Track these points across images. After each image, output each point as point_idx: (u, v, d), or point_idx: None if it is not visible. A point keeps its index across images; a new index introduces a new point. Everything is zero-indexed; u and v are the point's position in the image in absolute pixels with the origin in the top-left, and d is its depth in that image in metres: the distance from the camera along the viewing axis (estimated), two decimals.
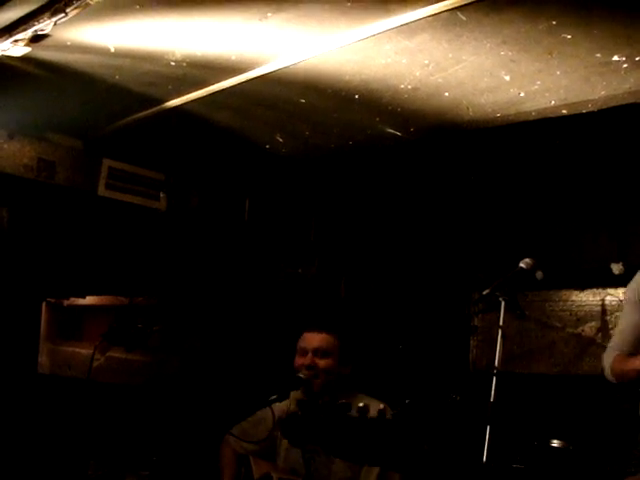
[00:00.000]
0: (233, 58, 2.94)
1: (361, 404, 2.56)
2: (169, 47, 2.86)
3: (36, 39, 2.73)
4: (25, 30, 2.63)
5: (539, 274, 2.80)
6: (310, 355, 3.09)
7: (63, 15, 2.45)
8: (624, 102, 3.00)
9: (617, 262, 2.63)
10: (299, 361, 3.12)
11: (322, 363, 3.07)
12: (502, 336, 2.41)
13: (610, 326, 3.71)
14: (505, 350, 2.79)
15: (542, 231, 3.97)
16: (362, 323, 4.53)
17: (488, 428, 2.22)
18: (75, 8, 2.41)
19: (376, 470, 2.92)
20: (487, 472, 2.18)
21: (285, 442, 3.15)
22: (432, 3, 2.40)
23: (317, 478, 3.03)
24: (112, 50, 2.88)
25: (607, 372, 2.71)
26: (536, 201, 4.01)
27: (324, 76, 3.05)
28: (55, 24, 2.53)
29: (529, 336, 4.10)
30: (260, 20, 2.57)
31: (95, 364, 3.61)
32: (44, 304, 4.54)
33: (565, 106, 3.14)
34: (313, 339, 3.14)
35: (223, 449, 3.24)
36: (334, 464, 3.01)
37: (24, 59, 2.96)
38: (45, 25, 2.55)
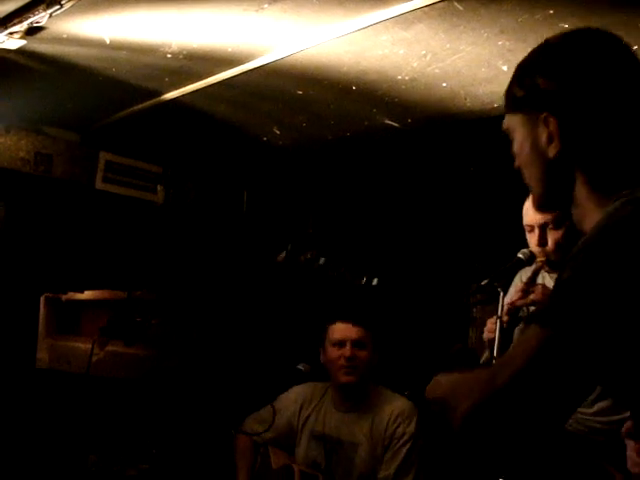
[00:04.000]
0: (230, 50, 2.93)
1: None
2: (165, 39, 2.85)
3: (31, 32, 2.72)
4: (20, 22, 2.61)
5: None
6: (349, 347, 3.07)
7: (58, 7, 2.44)
8: None
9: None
10: (335, 353, 3.10)
11: (361, 355, 3.07)
12: (500, 327, 2.40)
13: None
14: None
15: None
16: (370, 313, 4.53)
17: None
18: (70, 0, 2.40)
19: (397, 461, 2.94)
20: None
21: (306, 434, 3.15)
22: None
23: (338, 471, 3.03)
24: (108, 42, 2.87)
25: None
26: None
27: (321, 67, 3.04)
28: (50, 16, 2.52)
29: None
30: (256, 11, 2.55)
31: (94, 358, 3.60)
32: (42, 299, 4.53)
33: None
34: (351, 331, 3.12)
35: (239, 437, 3.23)
36: (357, 457, 3.02)
37: (20, 52, 2.95)
38: (40, 17, 2.54)
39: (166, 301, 4.13)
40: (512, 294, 2.55)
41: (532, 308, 2.65)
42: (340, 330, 3.14)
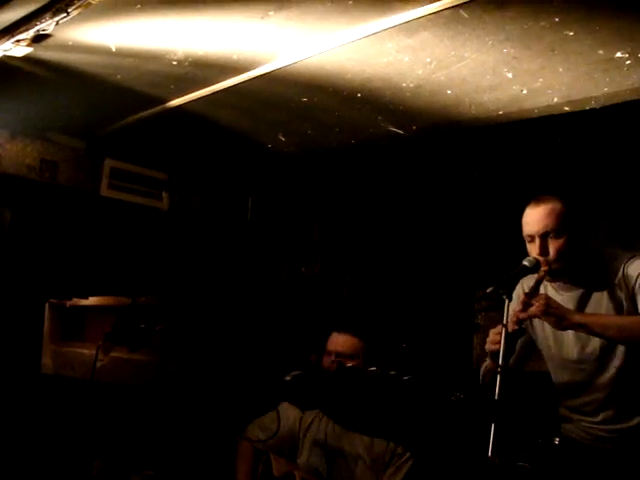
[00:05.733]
0: (235, 57, 2.93)
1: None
2: (171, 46, 2.85)
3: (38, 39, 2.73)
4: (27, 30, 2.62)
5: None
6: (333, 357, 3.09)
7: (65, 15, 2.45)
8: (627, 99, 2.99)
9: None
10: (326, 362, 3.13)
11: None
12: (505, 334, 2.38)
13: None
14: None
15: None
16: (365, 322, 4.53)
17: (493, 426, 2.20)
18: (77, 8, 2.41)
19: (400, 475, 2.93)
20: (492, 470, 2.17)
21: (308, 442, 3.15)
22: (434, 1, 2.39)
23: None
24: (113, 50, 2.88)
25: (480, 383, 2.76)
26: None
27: (326, 75, 3.05)
28: (57, 24, 2.53)
29: None
30: (262, 18, 2.56)
31: (98, 364, 3.61)
32: (47, 305, 4.53)
33: (568, 103, 3.13)
34: (337, 341, 3.14)
35: (241, 443, 3.24)
36: (357, 468, 3.01)
37: (26, 59, 2.95)
38: (47, 25, 2.55)
39: (170, 307, 4.13)
40: (515, 303, 2.54)
41: (536, 320, 2.64)
42: (331, 340, 3.17)
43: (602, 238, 3.77)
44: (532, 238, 2.54)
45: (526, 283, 2.63)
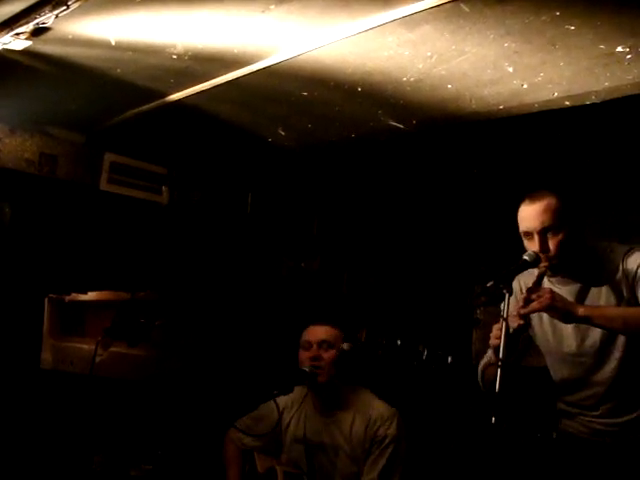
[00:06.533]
0: (235, 51, 2.93)
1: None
2: (171, 40, 2.85)
3: (37, 32, 2.72)
4: (26, 23, 2.62)
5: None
6: (315, 348, 3.09)
7: (65, 8, 2.44)
8: (627, 93, 2.99)
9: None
10: (304, 354, 3.12)
11: (327, 355, 3.08)
12: (507, 329, 2.38)
13: None
14: None
15: None
16: (364, 317, 4.53)
17: (493, 419, 2.20)
18: (77, 1, 2.41)
19: (380, 464, 2.93)
20: (490, 464, 2.18)
21: (289, 439, 3.15)
22: None
23: (321, 473, 3.03)
24: (113, 43, 2.87)
25: (479, 378, 2.75)
26: None
27: (326, 69, 3.05)
28: (57, 17, 2.53)
29: None
30: (262, 12, 2.56)
31: (98, 359, 3.60)
32: (46, 300, 4.53)
33: (568, 98, 3.13)
34: (317, 332, 3.15)
35: (227, 445, 3.25)
36: (338, 460, 3.01)
37: (25, 53, 2.95)
38: (46, 18, 2.55)
39: (170, 302, 4.13)
40: (513, 299, 2.54)
41: (534, 315, 2.63)
42: (308, 332, 3.18)
43: (601, 233, 3.78)
44: (530, 235, 2.54)
45: (523, 279, 2.63)
